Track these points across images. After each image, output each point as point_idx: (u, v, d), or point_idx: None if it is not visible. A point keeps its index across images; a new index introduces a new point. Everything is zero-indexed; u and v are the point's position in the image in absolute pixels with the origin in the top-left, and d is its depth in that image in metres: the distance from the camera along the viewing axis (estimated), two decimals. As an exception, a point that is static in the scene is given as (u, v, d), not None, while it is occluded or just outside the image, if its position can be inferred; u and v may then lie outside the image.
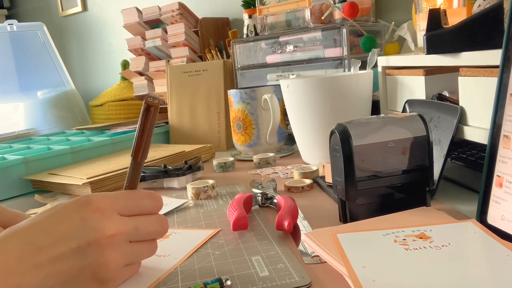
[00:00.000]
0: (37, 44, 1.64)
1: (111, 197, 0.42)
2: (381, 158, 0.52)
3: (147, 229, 0.43)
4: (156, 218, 0.45)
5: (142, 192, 0.45)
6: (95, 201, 0.40)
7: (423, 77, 0.73)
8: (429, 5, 0.76)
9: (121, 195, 0.43)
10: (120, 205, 0.42)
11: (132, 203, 0.43)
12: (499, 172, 0.47)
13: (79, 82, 2.10)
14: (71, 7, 2.17)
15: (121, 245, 0.40)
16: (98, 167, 0.89)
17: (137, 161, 0.45)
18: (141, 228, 0.43)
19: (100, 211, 0.40)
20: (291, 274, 0.43)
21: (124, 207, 0.42)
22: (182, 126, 1.21)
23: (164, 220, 0.46)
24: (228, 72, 1.18)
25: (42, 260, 0.36)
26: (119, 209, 0.41)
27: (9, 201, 0.85)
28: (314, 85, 0.81)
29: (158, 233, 0.45)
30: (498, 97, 0.48)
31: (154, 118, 0.43)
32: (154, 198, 0.45)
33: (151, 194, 0.45)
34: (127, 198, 0.43)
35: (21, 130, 1.42)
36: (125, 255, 0.41)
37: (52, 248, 0.37)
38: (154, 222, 0.44)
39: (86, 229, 0.38)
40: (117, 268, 0.40)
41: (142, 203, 0.44)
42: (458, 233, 0.46)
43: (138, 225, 0.42)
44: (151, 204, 0.45)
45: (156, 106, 0.43)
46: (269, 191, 0.66)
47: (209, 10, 1.59)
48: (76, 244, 0.38)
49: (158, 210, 0.46)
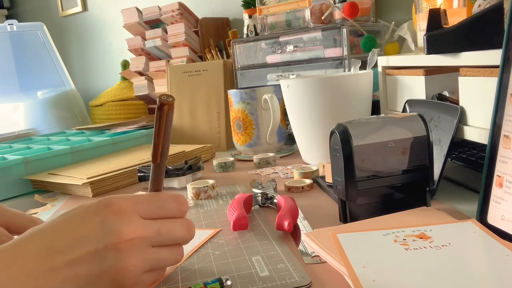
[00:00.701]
0: (37, 44, 1.64)
1: (133, 199, 0.40)
2: (381, 158, 0.52)
3: (171, 233, 0.41)
4: (181, 222, 0.43)
5: (166, 194, 0.43)
6: (116, 203, 0.39)
7: (423, 77, 0.73)
8: (429, 5, 0.76)
9: (144, 198, 0.41)
10: (142, 207, 0.40)
11: (155, 205, 0.41)
12: (499, 172, 0.47)
13: (79, 82, 2.10)
14: (71, 7, 2.17)
15: (141, 249, 0.39)
16: (98, 167, 0.89)
17: (156, 162, 0.43)
18: (164, 232, 0.41)
19: (121, 214, 0.38)
20: (291, 274, 0.43)
21: (146, 210, 0.40)
22: (182, 126, 1.21)
23: (191, 224, 0.44)
24: (228, 72, 1.18)
25: (59, 264, 0.35)
26: (141, 212, 0.40)
27: (9, 201, 0.85)
28: (314, 85, 0.81)
29: (183, 238, 0.43)
30: (498, 97, 0.48)
31: (169, 117, 0.42)
32: (179, 201, 0.43)
33: (176, 196, 0.43)
34: (150, 200, 0.41)
35: (21, 130, 1.42)
36: (146, 261, 0.39)
37: (70, 252, 0.36)
38: (178, 226, 0.42)
39: (104, 233, 0.37)
40: (137, 274, 0.39)
41: (166, 206, 0.42)
42: (458, 233, 0.46)
43: (161, 229, 0.40)
44: (176, 208, 0.43)
45: (170, 104, 0.41)
46: (269, 191, 0.66)
47: (209, 10, 1.59)
48: (94, 248, 0.36)
49: (184, 214, 0.44)
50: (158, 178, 0.44)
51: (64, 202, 0.79)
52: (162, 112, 0.41)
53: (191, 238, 0.43)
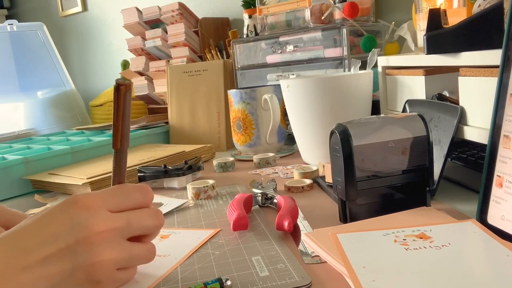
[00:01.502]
0: (37, 44, 1.64)
1: (98, 194, 0.41)
2: (381, 158, 0.52)
3: (141, 222, 0.42)
4: (149, 211, 0.43)
5: (130, 186, 0.43)
6: (83, 199, 0.39)
7: (423, 77, 0.73)
8: (429, 5, 0.76)
9: (109, 191, 0.42)
10: (108, 201, 0.40)
11: (121, 197, 0.41)
12: (499, 172, 0.47)
13: (79, 82, 2.10)
14: (71, 7, 2.18)
15: (113, 242, 0.39)
16: (98, 167, 0.89)
17: (117, 147, 0.43)
18: (134, 222, 0.41)
19: (88, 209, 0.38)
20: (291, 274, 0.43)
21: (113, 203, 0.41)
22: (182, 126, 1.21)
23: (158, 212, 0.44)
24: (228, 72, 1.18)
25: (31, 262, 0.35)
26: (108, 206, 0.40)
27: (9, 201, 0.85)
28: (314, 85, 0.81)
29: (154, 226, 0.43)
30: (498, 97, 0.48)
31: (127, 98, 0.41)
32: (143, 190, 0.43)
33: (140, 186, 0.44)
34: (115, 193, 0.42)
35: (21, 130, 1.41)
36: (119, 253, 0.39)
37: (41, 250, 0.36)
38: (147, 215, 0.43)
39: (74, 228, 0.37)
40: (112, 268, 0.39)
41: (132, 196, 0.42)
42: (458, 233, 0.46)
43: (130, 219, 0.41)
44: (141, 197, 0.43)
45: (127, 85, 0.41)
46: (269, 191, 0.66)
47: (209, 10, 1.59)
48: (65, 244, 0.36)
49: (150, 202, 0.44)
50: (120, 167, 0.44)
51: (64, 202, 0.79)
52: (120, 93, 0.41)
53: (161, 225, 0.44)
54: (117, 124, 0.42)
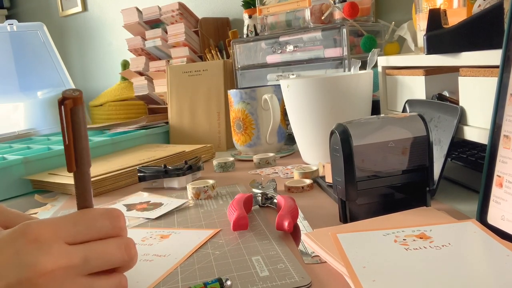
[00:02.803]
0: (37, 44, 1.64)
1: (54, 222, 0.34)
2: (381, 158, 0.52)
3: (104, 257, 0.35)
4: (116, 242, 0.36)
5: (97, 211, 0.36)
6: (34, 230, 0.33)
7: (423, 77, 0.73)
8: (429, 5, 0.76)
9: (69, 219, 0.35)
10: (66, 231, 0.34)
11: (82, 226, 0.35)
12: (499, 172, 0.47)
13: (79, 82, 2.10)
14: (71, 7, 2.18)
15: (65, 282, 0.33)
16: (98, 167, 0.89)
17: (72, 170, 0.35)
18: (93, 258, 0.34)
19: (38, 242, 0.33)
20: (291, 274, 0.43)
21: (71, 234, 0.34)
22: (182, 126, 1.21)
23: (128, 243, 0.37)
24: (228, 72, 1.18)
25: None
26: (65, 237, 0.34)
27: (9, 201, 0.85)
28: (314, 85, 0.81)
29: (120, 260, 0.36)
30: (498, 97, 0.48)
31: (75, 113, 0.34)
32: (113, 216, 0.36)
33: (109, 211, 0.37)
34: (75, 221, 0.35)
35: (21, 130, 1.41)
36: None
37: None
38: (113, 247, 0.36)
39: (19, 266, 0.32)
40: None
41: (96, 225, 0.36)
42: (458, 233, 0.46)
43: (89, 254, 0.34)
44: (109, 225, 0.36)
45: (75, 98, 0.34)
46: (269, 191, 0.66)
47: (209, 10, 1.59)
48: (5, 283, 0.31)
49: (120, 231, 0.37)
50: (83, 190, 0.37)
51: (64, 202, 0.79)
52: (65, 108, 0.34)
53: (130, 260, 0.37)
54: (68, 144, 0.34)
